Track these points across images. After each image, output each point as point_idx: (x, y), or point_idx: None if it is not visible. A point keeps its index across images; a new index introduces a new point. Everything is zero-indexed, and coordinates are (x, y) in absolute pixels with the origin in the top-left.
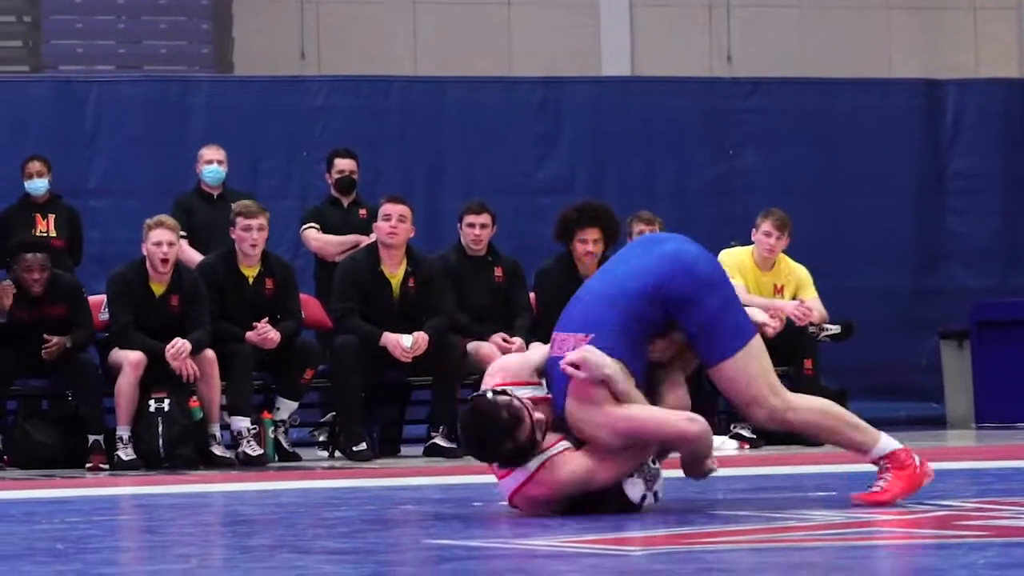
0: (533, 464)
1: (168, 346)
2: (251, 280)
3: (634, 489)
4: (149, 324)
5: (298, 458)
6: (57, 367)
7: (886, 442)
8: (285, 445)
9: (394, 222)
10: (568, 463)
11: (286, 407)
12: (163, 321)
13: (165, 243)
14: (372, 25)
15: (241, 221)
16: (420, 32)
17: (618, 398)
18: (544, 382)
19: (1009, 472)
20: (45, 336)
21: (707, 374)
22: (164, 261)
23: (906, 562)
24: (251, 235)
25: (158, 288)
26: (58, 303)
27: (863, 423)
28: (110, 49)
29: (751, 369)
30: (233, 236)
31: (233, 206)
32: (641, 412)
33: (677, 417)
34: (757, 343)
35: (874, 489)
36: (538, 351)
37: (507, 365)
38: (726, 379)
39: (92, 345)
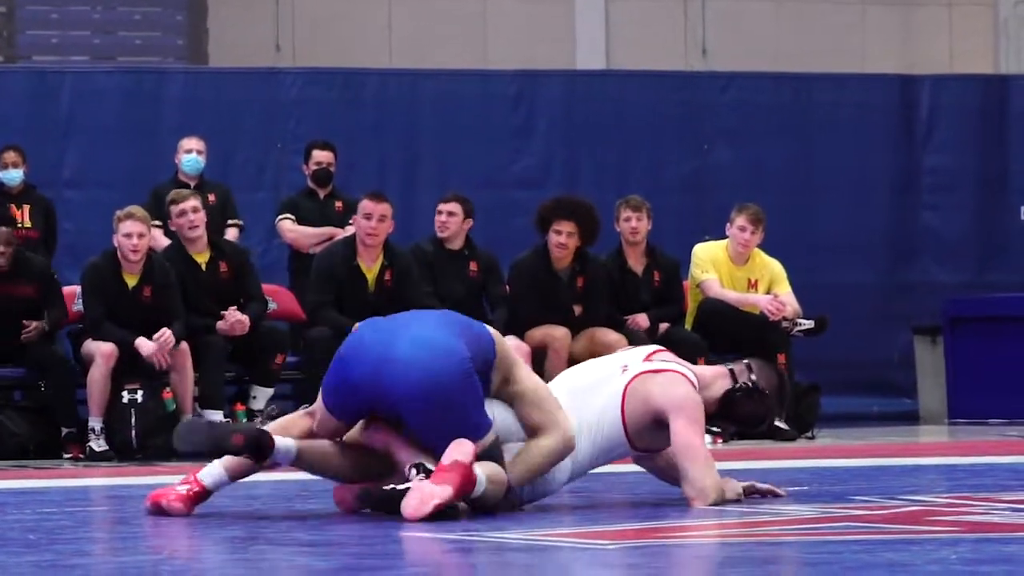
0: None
1: (156, 336)
2: (204, 266)
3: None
4: (122, 315)
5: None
6: (29, 358)
7: None
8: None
9: (375, 222)
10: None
11: (262, 395)
12: (136, 312)
13: (135, 235)
14: (347, 17)
15: (174, 208)
16: (395, 25)
17: None
18: None
19: (981, 468)
20: (24, 321)
21: None
22: (134, 252)
23: (878, 557)
24: (187, 219)
25: (131, 279)
26: (26, 283)
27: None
28: (85, 40)
29: None
30: (173, 227)
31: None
32: None
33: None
34: None
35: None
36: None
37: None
38: None
39: (66, 336)
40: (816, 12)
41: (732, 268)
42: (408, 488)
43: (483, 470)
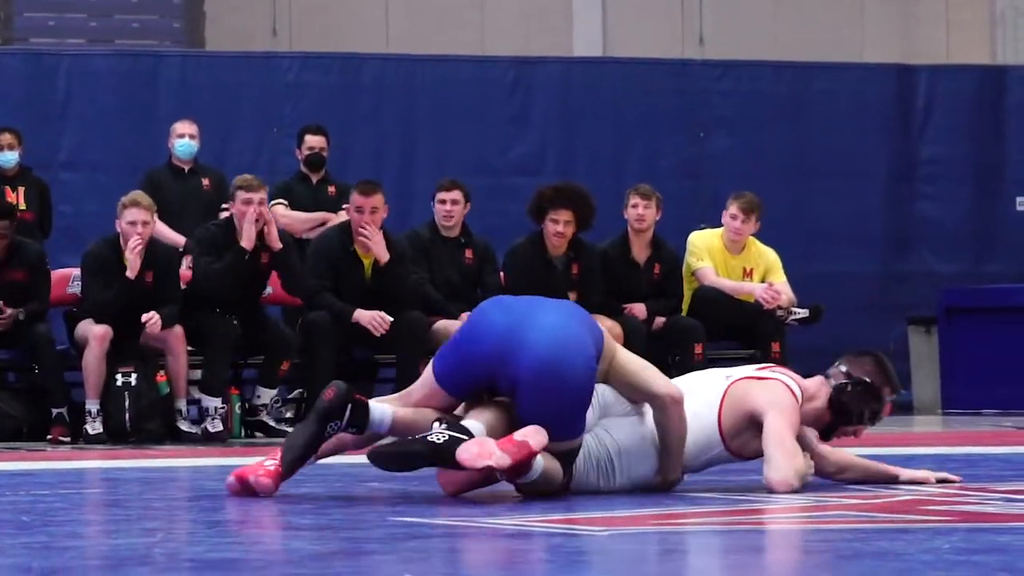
0: None
1: (144, 318)
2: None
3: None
4: (121, 299)
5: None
6: (16, 340)
7: None
8: (272, 424)
9: (367, 215)
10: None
11: (266, 394)
12: (136, 297)
13: (140, 223)
14: (344, 2)
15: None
16: (392, 9)
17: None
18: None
19: (975, 458)
20: (1, 306)
21: None
22: (138, 240)
23: (871, 546)
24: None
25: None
26: (19, 268)
27: None
28: (81, 22)
29: None
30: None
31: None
32: None
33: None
34: None
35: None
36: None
37: None
38: None
39: (61, 318)
40: (813, 2)
41: (727, 256)
42: (430, 437)
43: (544, 461)
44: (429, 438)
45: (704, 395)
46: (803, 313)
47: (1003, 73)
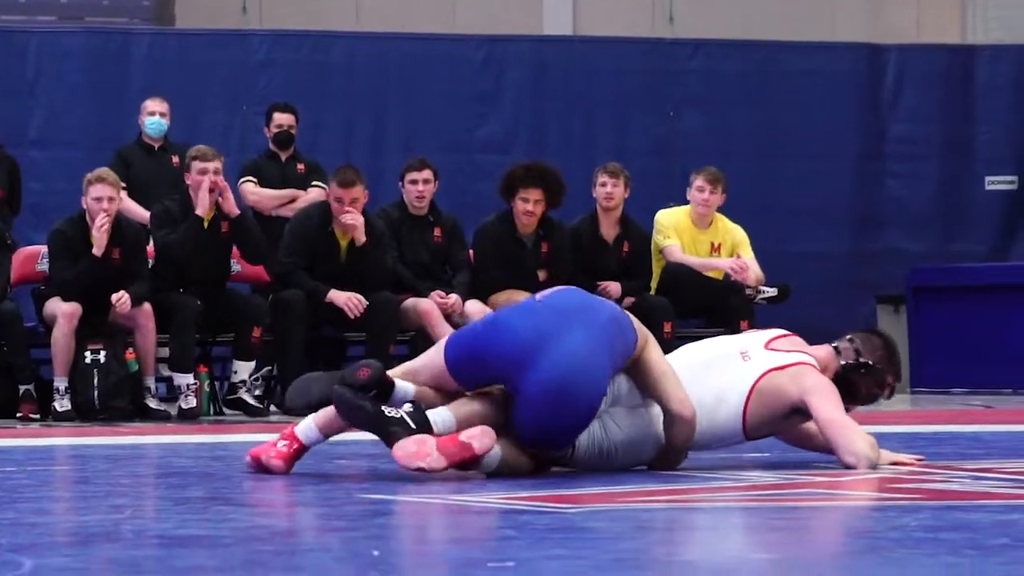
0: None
1: (113, 298)
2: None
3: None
4: (88, 276)
5: (265, 413)
6: None
7: None
8: (251, 401)
9: (347, 206)
10: None
11: (242, 368)
12: (104, 274)
13: (105, 199)
14: None
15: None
16: None
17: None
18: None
19: (943, 436)
20: None
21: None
22: (105, 216)
23: (839, 524)
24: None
25: None
26: None
27: None
28: (51, 0)
29: None
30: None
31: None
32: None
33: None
34: None
35: None
36: None
37: None
38: None
39: (30, 296)
40: None
41: (695, 232)
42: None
43: (506, 452)
44: (388, 413)
45: (722, 382)
46: (771, 292)
47: (973, 52)
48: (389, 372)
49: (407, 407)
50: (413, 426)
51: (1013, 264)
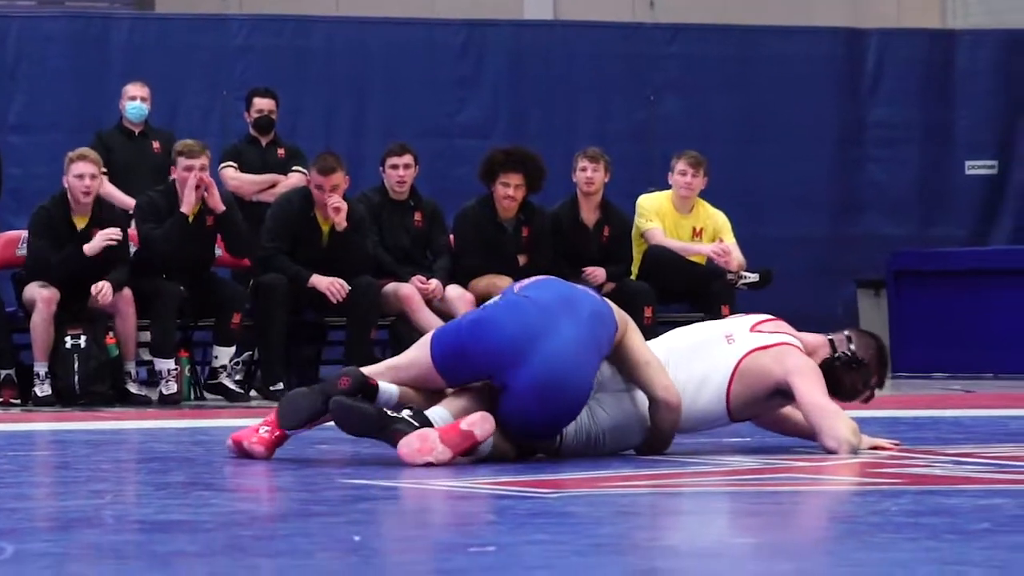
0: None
1: (94, 288)
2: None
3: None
4: (70, 258)
5: (246, 398)
6: None
7: None
8: (231, 386)
9: (327, 192)
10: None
11: (223, 354)
12: (87, 259)
13: (87, 176)
14: None
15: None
16: None
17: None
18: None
19: (923, 421)
20: None
21: None
22: (86, 193)
23: (820, 508)
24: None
25: (80, 221)
26: None
27: None
28: None
29: None
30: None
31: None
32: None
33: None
34: None
35: None
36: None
37: None
38: None
39: (10, 280)
40: None
41: (677, 217)
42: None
43: (498, 441)
44: (390, 413)
45: (706, 365)
46: (753, 277)
47: (952, 37)
48: (374, 368)
49: (407, 412)
50: (416, 424)
51: (993, 248)
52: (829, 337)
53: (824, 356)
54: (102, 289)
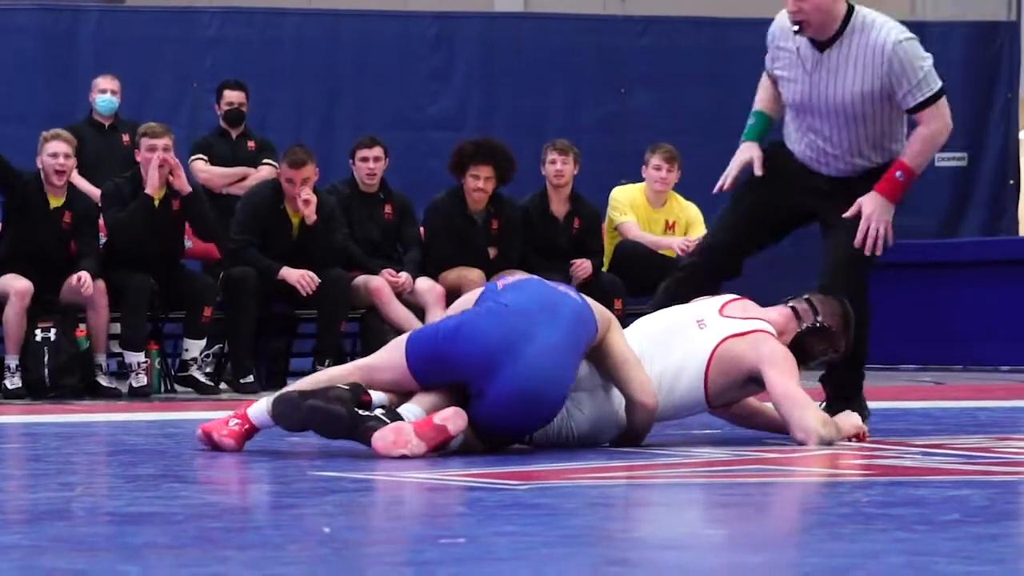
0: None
1: (72, 279)
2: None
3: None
4: (41, 237)
5: (216, 391)
6: None
7: None
8: (202, 379)
9: (298, 187)
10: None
11: (193, 347)
12: (53, 235)
13: (61, 155)
14: None
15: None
16: None
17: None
18: None
19: (891, 412)
20: None
21: None
22: (59, 173)
23: (790, 499)
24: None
25: (55, 201)
26: None
27: None
28: None
29: None
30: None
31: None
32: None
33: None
34: None
35: None
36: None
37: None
38: None
39: None
40: None
41: (650, 211)
42: (371, 418)
43: (468, 435)
44: (362, 413)
45: (680, 352)
46: None
47: (922, 28)
48: (344, 368)
49: (379, 410)
50: (388, 421)
51: (963, 240)
52: (791, 305)
53: (793, 330)
54: (83, 280)
